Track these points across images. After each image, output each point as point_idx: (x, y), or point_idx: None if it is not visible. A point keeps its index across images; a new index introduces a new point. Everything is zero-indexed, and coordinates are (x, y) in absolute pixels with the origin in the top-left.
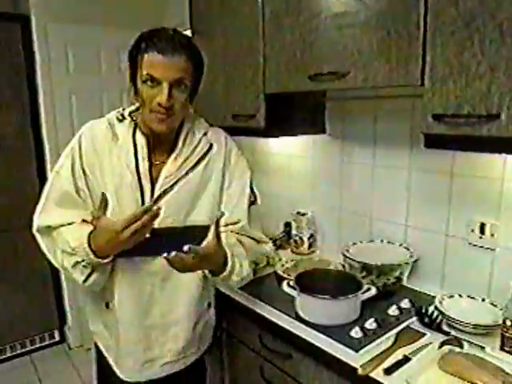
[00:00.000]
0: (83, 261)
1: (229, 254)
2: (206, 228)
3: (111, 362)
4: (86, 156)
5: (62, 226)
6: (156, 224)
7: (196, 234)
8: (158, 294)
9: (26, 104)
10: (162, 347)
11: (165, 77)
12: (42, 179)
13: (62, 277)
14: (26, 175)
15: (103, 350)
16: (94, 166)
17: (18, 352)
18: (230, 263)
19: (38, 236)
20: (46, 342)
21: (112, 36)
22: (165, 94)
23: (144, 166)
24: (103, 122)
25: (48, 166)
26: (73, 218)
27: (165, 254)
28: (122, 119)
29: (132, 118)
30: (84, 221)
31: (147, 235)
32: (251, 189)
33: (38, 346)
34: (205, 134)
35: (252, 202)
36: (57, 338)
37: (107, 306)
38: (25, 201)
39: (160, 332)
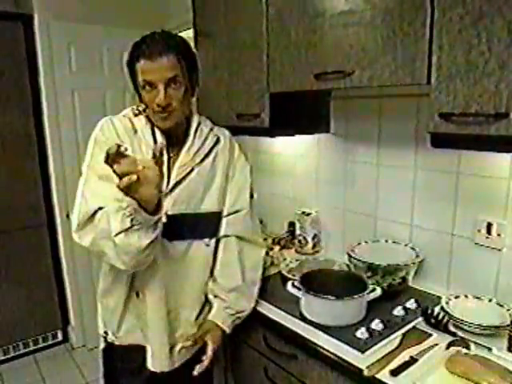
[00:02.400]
0: (133, 224)
1: (226, 329)
2: (214, 214)
3: (148, 355)
4: (111, 142)
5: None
6: (170, 211)
7: (206, 219)
8: (172, 278)
9: (28, 103)
10: (175, 333)
11: (157, 79)
12: (45, 178)
13: (65, 277)
14: (29, 175)
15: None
16: None
17: (21, 352)
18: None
19: (76, 237)
20: (49, 342)
21: (114, 35)
22: (161, 94)
23: (164, 157)
24: (121, 116)
25: (51, 166)
26: (112, 195)
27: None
28: (137, 114)
29: (147, 115)
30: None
31: (164, 221)
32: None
33: (41, 345)
34: (211, 129)
35: (251, 196)
36: (60, 337)
37: (137, 295)
38: (28, 200)
39: (174, 316)
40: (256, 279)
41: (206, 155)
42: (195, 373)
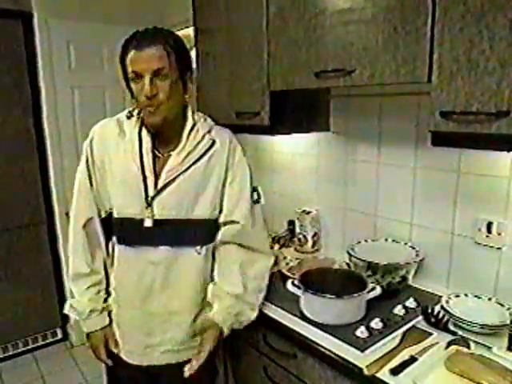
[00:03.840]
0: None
1: (224, 329)
2: (206, 222)
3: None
4: (97, 152)
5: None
6: (158, 216)
7: (197, 226)
8: (160, 282)
9: (28, 101)
10: (163, 334)
11: (144, 69)
12: (44, 176)
13: (65, 275)
14: (28, 173)
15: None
16: (103, 160)
17: (21, 350)
18: (226, 331)
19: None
20: (49, 340)
21: (114, 33)
22: (146, 84)
23: (148, 159)
24: (113, 120)
25: (50, 164)
26: (87, 213)
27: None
28: (130, 116)
29: (139, 116)
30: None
31: (150, 225)
32: (254, 188)
33: (40, 344)
34: (209, 131)
35: (256, 201)
36: (59, 336)
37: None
38: (27, 198)
39: (162, 320)
40: (260, 287)
41: (198, 159)
42: (186, 370)
